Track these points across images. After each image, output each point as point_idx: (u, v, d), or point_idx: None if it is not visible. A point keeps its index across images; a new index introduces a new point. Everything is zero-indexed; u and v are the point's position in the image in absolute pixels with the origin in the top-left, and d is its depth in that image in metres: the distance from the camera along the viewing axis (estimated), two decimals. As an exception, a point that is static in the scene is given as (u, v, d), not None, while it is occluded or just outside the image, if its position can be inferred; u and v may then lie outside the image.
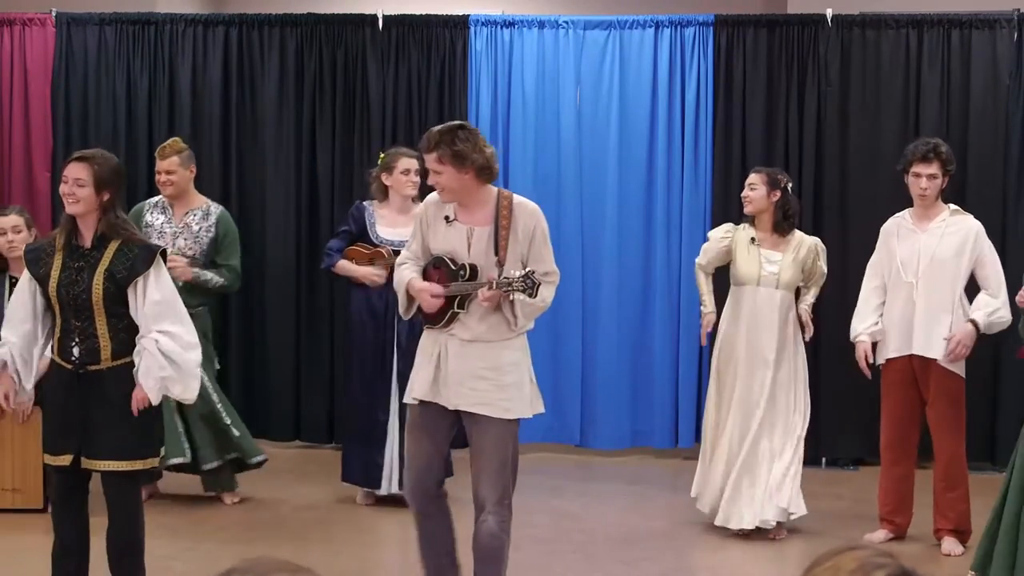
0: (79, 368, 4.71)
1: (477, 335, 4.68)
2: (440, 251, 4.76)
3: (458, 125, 4.71)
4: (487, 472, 4.69)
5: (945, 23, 7.83)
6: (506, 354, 4.69)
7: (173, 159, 6.71)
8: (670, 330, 7.99)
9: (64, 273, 4.71)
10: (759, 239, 6.22)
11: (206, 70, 8.26)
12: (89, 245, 4.74)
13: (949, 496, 6.00)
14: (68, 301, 4.69)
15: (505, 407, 4.65)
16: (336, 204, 8.14)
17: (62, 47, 8.28)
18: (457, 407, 4.67)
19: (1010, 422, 7.75)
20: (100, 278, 4.68)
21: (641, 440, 8.09)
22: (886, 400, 6.11)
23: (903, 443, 6.07)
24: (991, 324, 5.94)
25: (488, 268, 4.67)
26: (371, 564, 5.80)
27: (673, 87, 8.02)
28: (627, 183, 7.99)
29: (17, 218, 6.57)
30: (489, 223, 4.71)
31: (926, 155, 5.97)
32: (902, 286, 6.01)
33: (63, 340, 4.74)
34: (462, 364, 4.66)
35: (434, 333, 4.77)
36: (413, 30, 8.18)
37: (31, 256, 4.85)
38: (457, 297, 4.68)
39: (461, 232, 4.73)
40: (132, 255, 4.70)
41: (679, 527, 6.43)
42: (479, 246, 4.70)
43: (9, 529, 6.23)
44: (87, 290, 4.67)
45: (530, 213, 4.73)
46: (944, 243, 5.97)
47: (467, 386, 4.65)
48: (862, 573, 1.67)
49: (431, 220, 4.79)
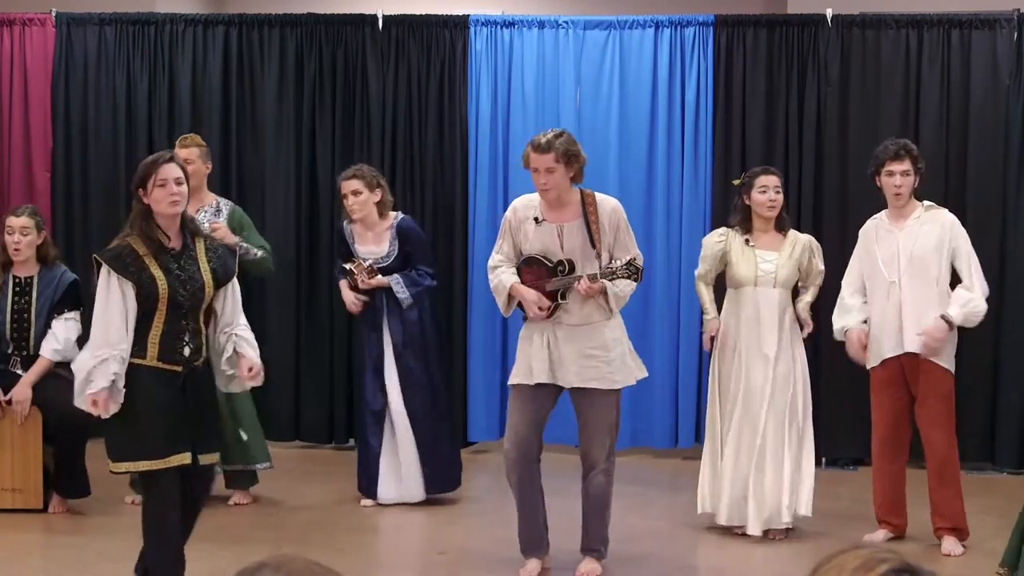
0: (188, 366, 4.75)
1: (582, 319, 5.32)
2: (532, 250, 5.34)
3: (564, 130, 5.42)
4: (599, 436, 5.41)
5: (945, 23, 7.83)
6: (608, 332, 5.36)
7: (193, 149, 6.67)
8: (670, 330, 7.99)
9: (170, 275, 4.70)
10: (754, 240, 6.23)
11: (206, 70, 8.26)
12: (180, 245, 4.78)
13: (943, 494, 6.00)
14: (185, 300, 4.70)
15: (613, 379, 5.37)
16: (336, 204, 8.13)
17: (62, 47, 8.28)
18: (573, 385, 5.34)
19: (1010, 422, 7.76)
20: (208, 276, 4.77)
21: (641, 440, 8.08)
22: (876, 401, 6.12)
23: (895, 443, 6.07)
24: (967, 316, 5.95)
25: (584, 260, 5.29)
26: (373, 564, 5.81)
27: (673, 87, 8.02)
28: (627, 183, 7.98)
29: (28, 220, 6.56)
30: (577, 219, 5.32)
31: (897, 152, 6.01)
32: (885, 286, 6.01)
33: (168, 341, 4.71)
34: (572, 346, 5.31)
35: (538, 323, 5.36)
36: (413, 30, 8.18)
37: (117, 264, 4.69)
38: (560, 289, 5.29)
39: (551, 230, 5.33)
40: (220, 253, 4.85)
41: (679, 527, 6.43)
42: (571, 241, 5.30)
43: (9, 529, 6.22)
44: (201, 288, 4.75)
45: (613, 208, 5.40)
46: (922, 239, 5.99)
47: (579, 364, 5.31)
48: (865, 569, 1.67)
49: (519, 222, 5.38)
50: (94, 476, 6.71)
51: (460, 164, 8.13)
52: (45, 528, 6.36)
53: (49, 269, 6.60)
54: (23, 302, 6.52)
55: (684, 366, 8.00)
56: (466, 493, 7.20)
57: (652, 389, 7.93)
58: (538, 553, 5.54)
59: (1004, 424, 7.76)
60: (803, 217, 7.65)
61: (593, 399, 5.37)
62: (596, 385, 5.34)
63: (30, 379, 6.43)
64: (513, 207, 5.50)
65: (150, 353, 4.71)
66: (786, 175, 7.11)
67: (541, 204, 5.39)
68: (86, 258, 8.13)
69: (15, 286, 6.54)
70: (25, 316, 6.51)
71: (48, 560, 6.00)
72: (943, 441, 5.99)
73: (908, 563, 1.68)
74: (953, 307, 5.92)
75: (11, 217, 6.58)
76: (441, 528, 6.43)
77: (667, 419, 8.01)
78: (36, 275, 6.56)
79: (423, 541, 6.16)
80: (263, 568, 1.68)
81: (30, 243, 6.52)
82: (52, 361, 6.47)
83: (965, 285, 5.97)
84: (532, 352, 5.35)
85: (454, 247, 8.09)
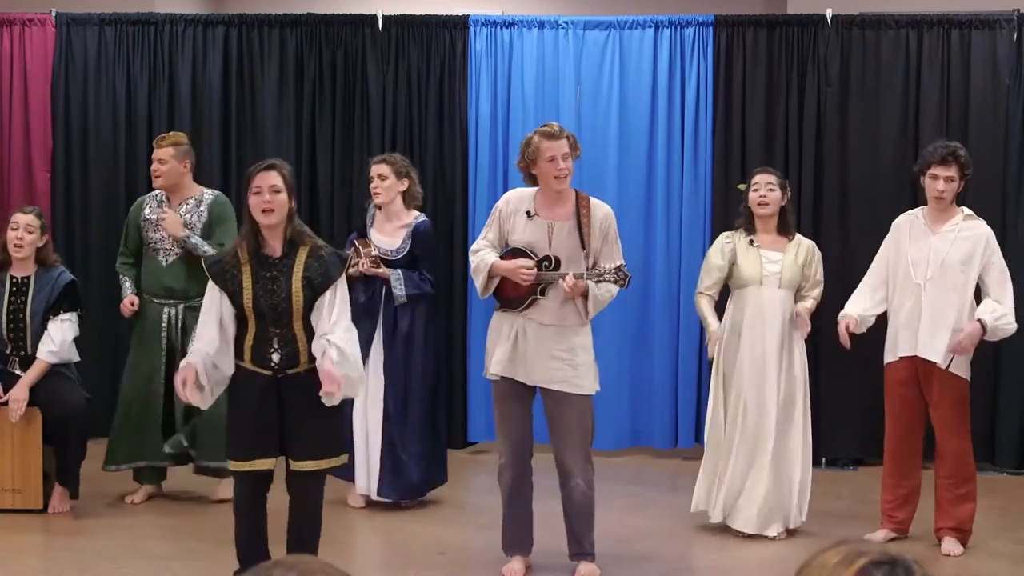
0: (278, 373, 4.76)
1: (555, 320, 5.27)
2: (519, 243, 5.30)
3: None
4: (572, 441, 5.32)
5: (945, 23, 7.84)
6: (578, 339, 5.32)
7: (168, 149, 6.66)
8: (670, 330, 7.99)
9: (258, 284, 4.74)
10: (758, 240, 6.22)
11: (206, 70, 8.26)
12: (280, 254, 4.78)
13: (957, 493, 5.96)
14: (267, 310, 4.73)
15: (579, 384, 5.29)
16: (336, 204, 8.15)
17: (62, 47, 8.29)
18: (535, 383, 5.29)
19: (1010, 422, 7.77)
20: (298, 285, 4.74)
21: (641, 440, 8.09)
22: (890, 399, 6.09)
23: (908, 441, 6.04)
24: (996, 328, 5.90)
25: (569, 260, 5.26)
26: (373, 564, 5.81)
27: (673, 87, 8.02)
28: (627, 183, 7.99)
29: (35, 219, 6.57)
30: (569, 219, 5.30)
31: (945, 158, 5.93)
32: (911, 287, 5.97)
33: (259, 347, 4.77)
34: (540, 345, 5.26)
35: (510, 315, 5.33)
36: (413, 30, 8.18)
37: (215, 270, 4.83)
38: (541, 284, 5.24)
39: (542, 226, 5.29)
40: (324, 261, 4.78)
41: (679, 527, 6.43)
42: (559, 239, 5.27)
43: (9, 529, 6.22)
44: (287, 298, 4.73)
45: (605, 214, 5.37)
46: (955, 248, 5.94)
47: (544, 364, 5.26)
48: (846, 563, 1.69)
49: (511, 213, 5.33)
50: (95, 476, 6.72)
51: (460, 164, 8.13)
52: (45, 528, 6.35)
53: (47, 270, 6.60)
54: (19, 302, 6.52)
55: (684, 366, 7.99)
56: (466, 493, 7.21)
57: (652, 389, 7.94)
58: (522, 552, 5.54)
59: (1004, 424, 7.76)
60: (803, 217, 7.65)
61: (561, 403, 5.31)
62: (560, 388, 5.28)
63: (27, 381, 6.42)
64: (506, 198, 5.48)
65: (246, 356, 4.81)
66: (786, 175, 7.10)
67: (536, 199, 5.37)
68: (86, 258, 8.20)
69: (11, 286, 6.54)
70: (21, 316, 6.51)
71: (48, 560, 5.99)
72: (957, 446, 5.96)
73: (890, 555, 1.69)
74: (987, 315, 5.86)
75: (18, 214, 6.59)
76: (441, 528, 6.43)
77: (667, 419, 8.01)
78: (33, 275, 6.56)
79: (423, 541, 6.15)
80: (276, 567, 1.69)
81: (32, 242, 6.52)
82: (49, 363, 6.47)
83: (995, 298, 5.92)
84: (509, 346, 5.30)
85: (454, 247, 8.09)
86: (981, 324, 5.86)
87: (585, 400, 5.33)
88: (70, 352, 6.56)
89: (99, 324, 7.74)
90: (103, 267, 7.74)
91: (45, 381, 6.45)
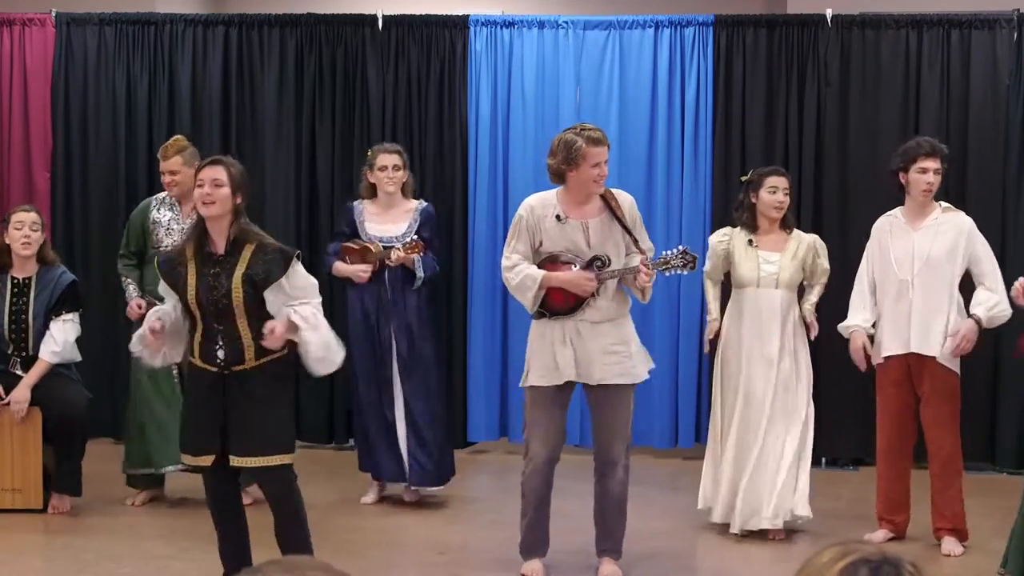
0: (224, 369, 4.79)
1: (605, 316, 5.31)
2: (555, 248, 5.28)
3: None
4: (620, 433, 5.39)
5: (945, 23, 7.83)
6: (627, 328, 5.40)
7: (176, 159, 6.67)
8: (670, 330, 7.98)
9: (201, 281, 4.77)
10: (757, 240, 6.23)
11: (206, 70, 8.26)
12: (223, 251, 4.79)
13: (946, 494, 6.00)
14: (209, 307, 4.76)
15: (635, 373, 5.39)
16: (336, 204, 8.14)
17: (62, 47, 8.29)
18: (596, 381, 5.30)
19: (1010, 422, 7.76)
20: (239, 282, 4.74)
21: (641, 440, 8.06)
22: (882, 399, 6.11)
23: (900, 442, 6.06)
24: (992, 318, 5.94)
25: (614, 255, 5.31)
26: (373, 564, 5.80)
27: (673, 87, 8.02)
28: (627, 183, 7.93)
29: (37, 217, 6.61)
30: (599, 214, 5.32)
31: (933, 150, 5.98)
32: (896, 284, 6.00)
33: (205, 344, 4.81)
34: (595, 343, 5.28)
35: (558, 321, 5.31)
36: (413, 30, 8.18)
37: (165, 267, 4.91)
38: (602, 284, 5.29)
39: (576, 227, 5.30)
40: (268, 258, 4.77)
41: (679, 527, 6.43)
42: (598, 236, 5.30)
43: (9, 529, 6.22)
44: (227, 295, 4.74)
45: (631, 202, 5.45)
46: (938, 241, 5.96)
47: (602, 361, 5.29)
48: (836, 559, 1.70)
49: (538, 219, 5.29)
50: (95, 476, 6.72)
51: (460, 164, 8.13)
52: (45, 528, 6.35)
53: (48, 270, 6.60)
54: (21, 303, 6.52)
55: (684, 366, 7.99)
56: (466, 493, 7.21)
57: (652, 389, 7.92)
58: (540, 554, 5.55)
59: (1004, 424, 7.76)
60: (803, 217, 7.65)
61: (615, 395, 5.35)
62: (621, 380, 5.33)
63: (29, 381, 6.43)
64: (528, 206, 5.39)
65: (195, 353, 4.86)
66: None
67: (561, 201, 5.35)
68: (86, 258, 8.19)
69: (13, 287, 6.54)
70: (23, 317, 6.51)
71: (48, 560, 6.00)
72: (948, 442, 5.98)
73: (882, 553, 1.70)
74: (979, 308, 5.89)
75: (21, 213, 6.60)
76: (441, 528, 6.43)
77: (667, 419, 8.01)
78: (34, 276, 6.57)
79: (423, 541, 6.16)
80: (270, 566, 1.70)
81: (38, 239, 6.55)
82: (51, 363, 6.47)
83: (988, 287, 5.94)
84: (556, 350, 5.30)
85: (454, 247, 8.08)
86: (976, 320, 5.87)
87: (633, 389, 5.43)
88: (72, 352, 6.56)
89: (99, 324, 7.74)
90: (103, 267, 7.74)
91: (45, 381, 6.45)
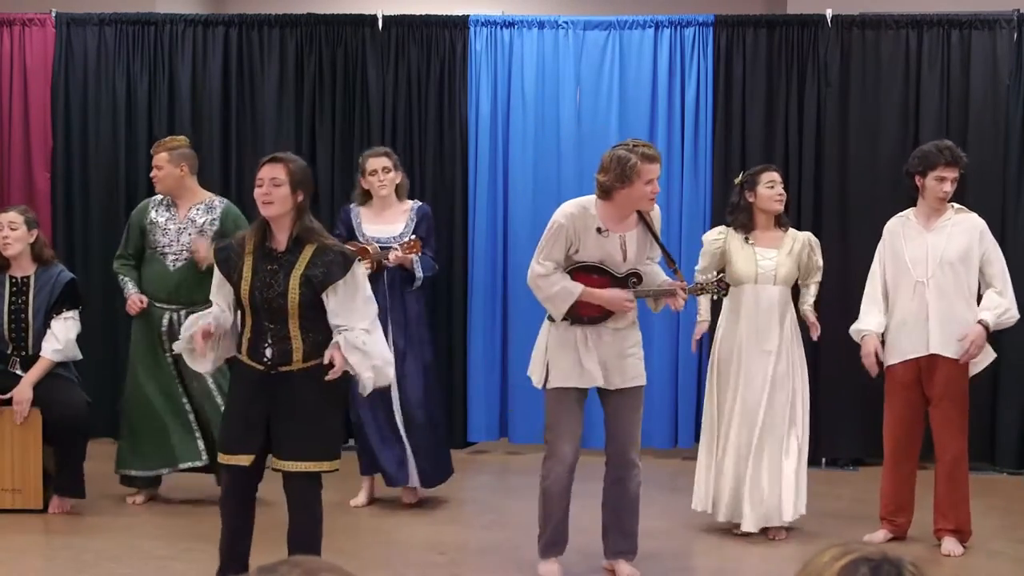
0: (270, 369, 4.72)
1: (624, 322, 5.43)
2: (592, 258, 5.34)
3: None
4: (634, 433, 5.53)
5: (945, 23, 7.84)
6: (637, 331, 5.54)
7: (163, 155, 6.67)
8: (669, 331, 7.98)
9: (257, 276, 4.70)
10: (753, 237, 6.23)
11: (206, 70, 8.26)
12: (284, 248, 4.74)
13: (952, 497, 5.98)
14: (262, 304, 4.69)
15: (644, 375, 5.54)
16: (336, 204, 8.12)
17: (62, 47, 8.29)
18: (615, 386, 5.42)
19: (1010, 422, 7.76)
20: (296, 282, 4.68)
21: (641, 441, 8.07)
22: (891, 401, 6.09)
23: (908, 444, 6.05)
24: (1000, 323, 5.95)
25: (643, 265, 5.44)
26: (373, 564, 5.80)
27: (673, 87, 8.02)
28: (627, 183, 7.98)
29: (16, 215, 6.57)
30: (634, 227, 5.39)
31: (953, 159, 5.95)
32: (911, 286, 5.98)
33: (254, 341, 4.74)
34: (615, 348, 5.42)
35: (579, 327, 5.38)
36: (413, 30, 8.18)
37: (221, 255, 4.83)
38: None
39: (615, 240, 5.35)
40: (328, 260, 4.70)
41: (679, 527, 6.43)
42: (632, 251, 5.38)
43: (9, 529, 6.22)
44: (283, 294, 4.67)
45: (658, 213, 5.50)
46: (952, 243, 5.96)
47: (621, 365, 5.43)
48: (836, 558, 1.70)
49: (579, 231, 5.30)
50: (95, 476, 6.71)
51: (460, 164, 8.13)
52: (45, 528, 6.35)
53: (46, 269, 6.60)
54: (20, 302, 6.52)
55: (684, 367, 8.00)
56: (466, 493, 7.21)
57: (652, 390, 7.88)
58: (558, 553, 5.57)
59: (1004, 424, 7.76)
60: (803, 217, 7.65)
61: (630, 398, 5.46)
62: (637, 383, 5.46)
63: (31, 379, 6.43)
64: (568, 214, 5.31)
65: (243, 349, 4.79)
66: (786, 175, 7.10)
67: (601, 214, 5.30)
68: (86, 258, 8.19)
69: (12, 286, 6.54)
70: (23, 316, 6.51)
71: (48, 560, 6.00)
72: (955, 445, 5.97)
73: (883, 553, 1.70)
74: (987, 312, 5.91)
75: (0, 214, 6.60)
76: (441, 528, 6.43)
77: (667, 419, 8.01)
78: (33, 275, 6.56)
79: (423, 541, 6.16)
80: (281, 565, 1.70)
81: (18, 238, 6.51)
82: (53, 361, 6.47)
83: (997, 290, 5.95)
84: (580, 355, 5.37)
85: (454, 247, 8.09)
86: (983, 324, 5.88)
87: (643, 390, 5.55)
88: (74, 350, 6.56)
89: (99, 324, 7.74)
90: (103, 267, 7.73)
91: (45, 382, 6.45)
